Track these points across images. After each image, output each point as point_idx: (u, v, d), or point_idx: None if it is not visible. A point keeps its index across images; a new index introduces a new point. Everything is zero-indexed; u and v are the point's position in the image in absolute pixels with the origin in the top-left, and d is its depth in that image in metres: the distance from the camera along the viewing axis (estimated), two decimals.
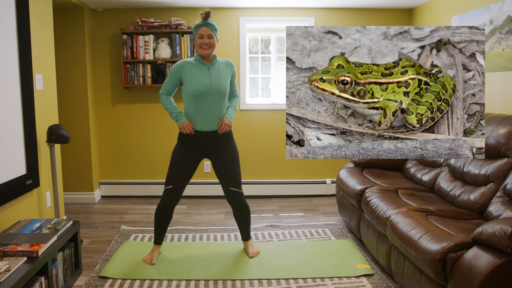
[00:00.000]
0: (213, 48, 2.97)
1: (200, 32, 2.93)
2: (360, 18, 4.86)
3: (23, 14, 2.90)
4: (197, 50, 3.00)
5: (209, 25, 2.94)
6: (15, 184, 2.77)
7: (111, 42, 4.77)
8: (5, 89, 2.68)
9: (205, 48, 2.94)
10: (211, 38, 2.94)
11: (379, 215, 2.90)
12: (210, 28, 2.93)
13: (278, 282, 2.79)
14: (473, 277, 1.91)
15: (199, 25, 2.95)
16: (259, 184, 4.97)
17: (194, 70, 2.98)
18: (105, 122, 4.88)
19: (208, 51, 2.94)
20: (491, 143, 2.81)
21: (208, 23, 2.94)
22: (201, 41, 2.93)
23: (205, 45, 2.93)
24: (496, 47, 3.28)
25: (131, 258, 3.13)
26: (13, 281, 2.00)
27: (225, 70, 3.06)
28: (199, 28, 2.94)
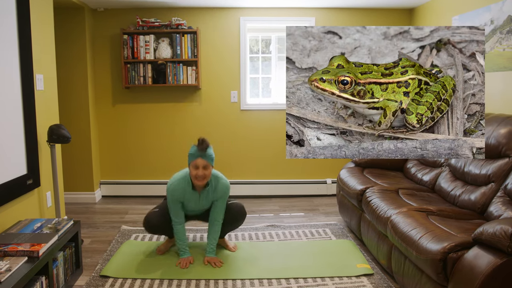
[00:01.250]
0: (208, 178, 2.94)
1: (195, 163, 2.89)
2: (360, 18, 4.86)
3: (24, 14, 2.90)
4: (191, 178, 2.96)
5: (205, 156, 2.89)
6: (16, 184, 2.77)
7: (111, 42, 4.77)
8: (6, 89, 2.69)
9: (199, 180, 2.91)
10: (206, 169, 2.90)
11: (380, 215, 2.89)
12: (206, 159, 2.89)
13: (279, 281, 2.79)
14: (473, 277, 1.91)
15: (195, 155, 2.90)
16: (260, 184, 4.97)
17: (186, 195, 3.00)
18: (105, 122, 4.89)
19: (202, 182, 2.92)
20: (492, 143, 2.81)
21: (204, 155, 2.89)
22: (196, 173, 2.89)
23: (200, 177, 2.89)
24: (497, 47, 3.28)
25: (131, 257, 3.13)
26: (14, 281, 2.00)
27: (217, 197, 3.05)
28: (195, 159, 2.89)
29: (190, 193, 3.01)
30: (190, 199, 3.03)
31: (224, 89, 4.86)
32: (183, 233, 3.08)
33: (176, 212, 3.03)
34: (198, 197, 3.04)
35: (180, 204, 3.02)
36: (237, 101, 4.87)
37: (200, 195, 3.04)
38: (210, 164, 2.92)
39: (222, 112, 4.89)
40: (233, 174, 4.94)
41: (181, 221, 3.06)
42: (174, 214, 3.03)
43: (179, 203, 3.02)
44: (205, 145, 2.90)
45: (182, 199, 3.02)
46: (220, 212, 3.08)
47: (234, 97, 4.86)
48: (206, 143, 2.91)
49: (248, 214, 4.27)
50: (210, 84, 4.85)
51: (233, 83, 4.86)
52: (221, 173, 3.14)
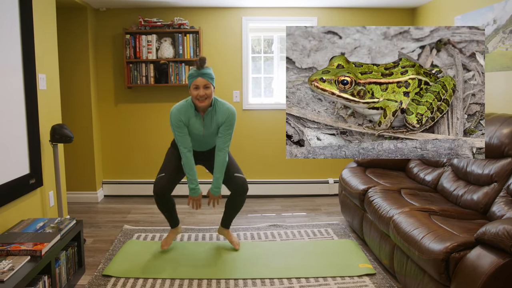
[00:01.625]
0: (210, 99, 2.85)
1: (195, 82, 2.80)
2: (363, 17, 4.85)
3: (27, 14, 2.91)
4: (192, 100, 2.88)
5: (205, 75, 2.80)
6: (19, 184, 2.78)
7: (114, 42, 4.78)
8: (8, 89, 2.70)
9: (201, 101, 2.83)
10: (207, 89, 2.81)
11: (382, 215, 2.89)
12: (206, 78, 2.80)
13: (281, 281, 2.79)
14: (476, 277, 1.90)
15: (194, 75, 2.81)
16: (262, 184, 4.97)
17: (190, 119, 2.92)
18: (108, 121, 4.90)
19: (205, 102, 2.83)
20: (494, 143, 2.80)
21: (203, 73, 2.80)
22: (197, 93, 2.81)
23: (201, 97, 2.81)
24: (500, 47, 3.27)
25: (134, 257, 3.14)
26: (16, 280, 2.01)
27: (221, 121, 2.94)
28: (194, 79, 2.81)
29: (194, 115, 2.91)
30: (194, 123, 2.93)
31: (226, 88, 4.86)
32: (192, 162, 2.97)
33: (183, 138, 2.93)
34: (201, 121, 2.93)
35: (185, 128, 2.92)
36: (239, 100, 4.87)
37: (204, 118, 2.93)
38: (211, 83, 2.83)
39: None
40: None
41: (188, 148, 2.95)
42: (181, 140, 2.93)
43: (185, 127, 2.92)
44: (203, 61, 2.80)
45: (187, 122, 2.92)
46: (225, 139, 2.97)
47: (236, 97, 4.86)
48: (204, 59, 2.81)
49: (250, 214, 4.27)
50: None
51: (235, 83, 4.86)
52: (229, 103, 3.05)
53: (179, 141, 2.95)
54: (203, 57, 2.82)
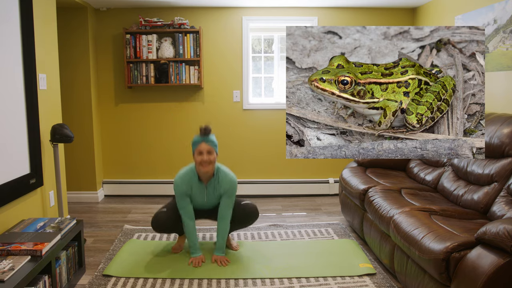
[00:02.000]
0: (213, 164, 2.94)
1: (199, 148, 2.90)
2: (363, 17, 4.85)
3: (27, 14, 2.91)
4: (196, 167, 2.96)
5: (209, 142, 2.90)
6: (19, 183, 2.79)
7: (114, 41, 4.78)
8: (9, 89, 2.70)
9: (204, 166, 2.90)
10: (210, 155, 2.90)
11: (382, 214, 2.89)
12: (209, 144, 2.90)
13: (281, 281, 2.79)
14: (476, 277, 1.90)
15: (198, 141, 2.91)
16: (262, 184, 4.97)
17: (193, 188, 3.01)
18: (108, 121, 4.90)
19: (208, 168, 2.91)
20: (495, 142, 2.80)
21: (207, 140, 2.89)
22: (201, 158, 2.89)
23: (205, 162, 2.89)
24: (500, 46, 3.27)
25: (134, 257, 3.14)
26: (17, 279, 2.01)
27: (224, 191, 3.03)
28: (198, 145, 2.90)
29: (197, 185, 3.00)
30: (197, 192, 3.02)
31: (226, 88, 4.86)
32: (193, 229, 3.05)
33: (185, 207, 3.01)
34: (204, 189, 3.02)
35: (188, 198, 3.01)
36: (239, 100, 4.87)
37: (207, 187, 3.02)
38: (214, 149, 2.92)
39: (225, 111, 4.89)
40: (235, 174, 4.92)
41: (190, 216, 3.03)
42: (183, 208, 3.01)
43: (187, 197, 3.00)
44: (208, 130, 2.91)
45: (190, 192, 3.01)
46: (227, 208, 3.05)
47: (237, 97, 4.86)
48: (209, 128, 2.91)
49: None
50: (212, 84, 4.86)
51: (235, 83, 4.86)
52: (230, 170, 3.14)
53: (181, 209, 3.04)
54: (208, 127, 2.92)
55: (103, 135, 4.92)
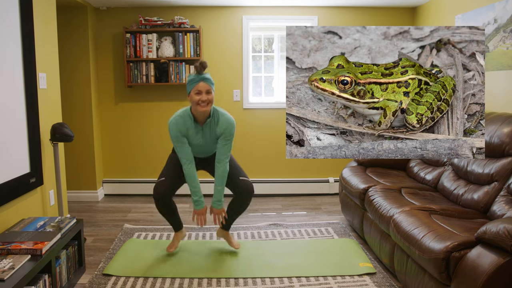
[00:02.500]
0: (211, 104, 2.82)
1: (197, 87, 2.76)
2: (363, 16, 4.85)
3: (27, 13, 2.91)
4: (192, 107, 2.84)
5: (207, 80, 2.78)
6: (19, 183, 2.79)
7: (114, 41, 4.78)
8: (9, 88, 2.70)
9: (203, 106, 2.78)
10: (209, 94, 2.78)
11: (382, 214, 2.89)
12: (208, 83, 2.77)
13: (281, 280, 2.79)
14: (476, 277, 1.90)
15: (196, 79, 2.77)
16: (262, 183, 4.97)
17: (189, 129, 2.89)
18: (108, 120, 4.90)
19: (206, 108, 2.78)
20: (495, 142, 2.80)
21: (206, 78, 2.77)
22: (199, 98, 2.76)
23: (203, 102, 2.77)
24: (500, 46, 3.26)
25: (134, 256, 3.14)
26: (17, 279, 2.02)
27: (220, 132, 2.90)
28: (196, 84, 2.76)
29: (193, 126, 2.88)
30: (194, 134, 2.90)
31: (226, 88, 4.86)
32: (194, 173, 2.92)
33: (183, 149, 2.89)
34: (201, 131, 2.90)
35: (184, 139, 2.88)
36: (239, 99, 4.87)
37: (203, 129, 2.90)
38: (212, 88, 2.80)
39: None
40: None
41: (189, 159, 2.91)
42: (181, 151, 2.89)
43: (184, 138, 2.88)
44: (205, 66, 2.77)
45: (186, 133, 2.88)
46: (224, 150, 2.92)
47: (237, 96, 4.86)
48: (206, 64, 2.78)
49: (251, 213, 4.28)
50: None
51: (235, 82, 4.86)
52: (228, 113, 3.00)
53: (179, 152, 2.91)
54: (204, 62, 2.78)
55: (103, 134, 4.92)
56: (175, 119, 2.88)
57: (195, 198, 2.95)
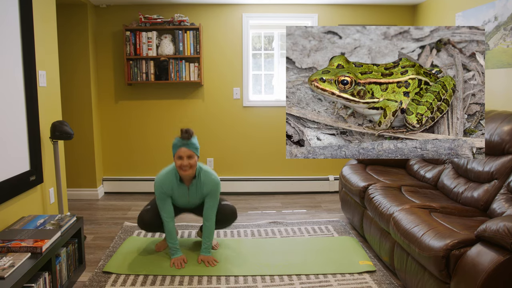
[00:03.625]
0: (194, 168, 2.88)
1: (179, 153, 2.84)
2: (363, 14, 4.84)
3: (27, 11, 2.91)
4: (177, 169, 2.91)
5: (189, 145, 2.84)
6: (19, 180, 2.79)
7: (114, 38, 4.77)
8: (8, 86, 2.70)
9: (184, 170, 2.85)
10: (190, 159, 2.84)
11: (382, 212, 2.89)
12: (190, 148, 2.84)
13: (281, 278, 2.80)
14: (476, 274, 1.90)
15: (178, 144, 2.86)
16: (262, 181, 4.97)
17: (174, 190, 2.96)
18: (108, 118, 4.90)
19: (188, 172, 2.86)
20: (495, 140, 2.80)
21: (187, 143, 2.84)
22: (180, 163, 2.84)
23: (185, 167, 2.84)
24: (501, 44, 3.26)
25: (134, 253, 3.15)
26: (17, 276, 2.02)
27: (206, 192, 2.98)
28: (178, 148, 2.85)
29: (178, 186, 2.96)
30: (179, 193, 2.99)
31: (226, 85, 4.86)
32: (173, 229, 3.01)
33: (165, 207, 2.97)
34: (186, 191, 2.99)
35: (168, 199, 2.97)
36: (239, 97, 4.87)
37: (189, 189, 2.99)
38: (195, 153, 2.87)
39: (225, 108, 4.89)
40: (235, 171, 4.95)
41: (170, 216, 2.99)
42: (163, 209, 2.97)
43: (168, 197, 2.97)
44: (189, 134, 2.85)
45: (171, 193, 2.97)
46: (211, 209, 3.02)
47: (237, 94, 4.86)
48: (190, 132, 2.86)
49: (250, 211, 4.28)
50: (212, 81, 4.85)
51: (235, 80, 4.86)
52: (213, 170, 3.09)
53: (161, 209, 2.99)
54: (190, 130, 2.87)
55: (103, 132, 4.92)
56: (160, 179, 2.96)
57: (172, 251, 3.04)
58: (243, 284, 2.72)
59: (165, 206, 2.98)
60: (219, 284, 2.73)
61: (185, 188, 2.99)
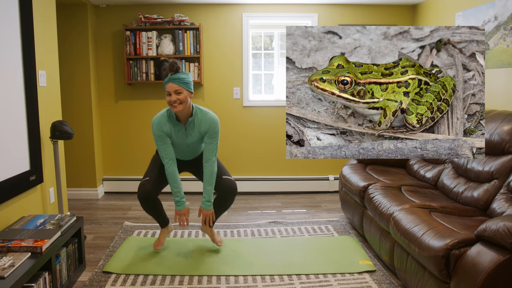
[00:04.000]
0: (185, 103, 2.76)
1: (166, 89, 2.75)
2: (363, 14, 4.84)
3: (27, 11, 2.91)
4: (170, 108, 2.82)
5: (176, 80, 2.73)
6: (19, 180, 2.79)
7: (114, 38, 4.77)
8: (8, 86, 2.70)
9: (175, 106, 2.75)
10: (179, 94, 2.73)
11: (382, 211, 2.89)
12: (177, 83, 2.72)
13: (281, 278, 2.80)
14: (476, 274, 1.91)
15: (166, 80, 2.76)
16: (262, 181, 4.97)
17: (171, 129, 2.87)
18: (108, 118, 4.90)
19: (178, 108, 2.75)
20: (495, 139, 2.80)
21: (174, 78, 2.73)
22: (169, 99, 2.74)
23: (174, 102, 2.74)
24: (501, 43, 3.26)
25: (134, 253, 3.15)
26: (17, 276, 2.02)
27: (204, 130, 2.89)
28: (166, 85, 2.75)
29: (175, 125, 2.87)
30: (177, 132, 2.89)
31: (226, 85, 4.86)
32: (176, 174, 2.90)
33: (165, 149, 2.87)
34: (184, 130, 2.89)
35: (167, 138, 2.87)
36: (239, 97, 4.87)
37: (186, 128, 2.89)
38: (184, 88, 2.74)
39: (225, 108, 4.89)
40: (235, 171, 4.94)
41: (172, 159, 2.89)
42: (163, 150, 2.87)
43: (166, 137, 2.86)
44: (173, 66, 2.74)
45: (168, 132, 2.87)
46: (211, 150, 2.90)
47: (237, 94, 4.86)
48: (175, 65, 2.75)
49: (250, 211, 4.28)
50: (212, 81, 4.85)
51: (235, 80, 4.86)
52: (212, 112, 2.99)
53: (161, 152, 2.90)
54: (174, 61, 2.75)
55: (103, 132, 4.92)
56: (157, 118, 2.88)
57: (176, 199, 2.94)
58: (243, 284, 2.72)
59: (165, 147, 2.87)
60: (219, 284, 2.73)
61: (182, 127, 2.88)
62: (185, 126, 2.90)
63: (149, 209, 3.07)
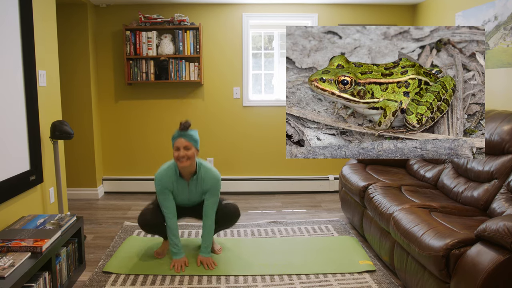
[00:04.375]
0: (192, 160, 2.84)
1: (176, 143, 2.82)
2: (363, 14, 4.84)
3: (27, 11, 2.91)
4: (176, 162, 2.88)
5: (186, 136, 2.81)
6: (19, 180, 2.79)
7: (114, 38, 4.77)
8: (8, 86, 2.70)
9: (182, 161, 2.81)
10: (188, 150, 2.81)
11: (382, 211, 2.89)
12: (187, 139, 2.81)
13: (281, 278, 2.80)
14: (476, 274, 1.91)
15: (175, 136, 2.84)
16: (262, 181, 4.97)
17: (174, 185, 2.93)
18: (108, 118, 4.90)
19: (185, 163, 2.82)
20: (495, 139, 2.80)
21: (185, 134, 2.82)
22: (177, 154, 2.81)
23: (182, 158, 2.81)
24: (501, 43, 3.26)
25: (134, 253, 3.15)
26: (17, 276, 2.02)
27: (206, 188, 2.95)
28: (176, 140, 2.84)
29: (178, 181, 2.93)
30: (179, 189, 2.95)
31: (226, 85, 4.86)
32: (175, 227, 2.96)
33: (166, 203, 2.93)
34: (186, 186, 2.95)
35: (169, 194, 2.93)
36: (239, 97, 4.87)
37: (189, 184, 2.95)
38: (193, 145, 2.84)
39: (225, 108, 4.89)
40: (235, 171, 4.94)
41: (172, 212, 2.95)
42: (164, 205, 2.93)
43: (169, 192, 2.93)
44: (186, 125, 2.83)
45: (171, 188, 2.93)
46: (211, 206, 2.98)
47: (237, 94, 4.86)
48: (187, 123, 2.84)
49: (251, 211, 4.28)
50: (212, 81, 4.85)
51: (235, 80, 4.86)
52: (214, 167, 3.05)
53: (163, 206, 2.95)
54: (187, 122, 2.85)
55: (103, 132, 4.92)
56: (160, 174, 2.93)
57: (174, 250, 2.98)
58: (243, 284, 2.73)
59: (166, 202, 2.93)
60: (219, 284, 2.73)
61: (185, 184, 2.95)
62: (188, 183, 2.96)
63: (149, 232, 3.13)
